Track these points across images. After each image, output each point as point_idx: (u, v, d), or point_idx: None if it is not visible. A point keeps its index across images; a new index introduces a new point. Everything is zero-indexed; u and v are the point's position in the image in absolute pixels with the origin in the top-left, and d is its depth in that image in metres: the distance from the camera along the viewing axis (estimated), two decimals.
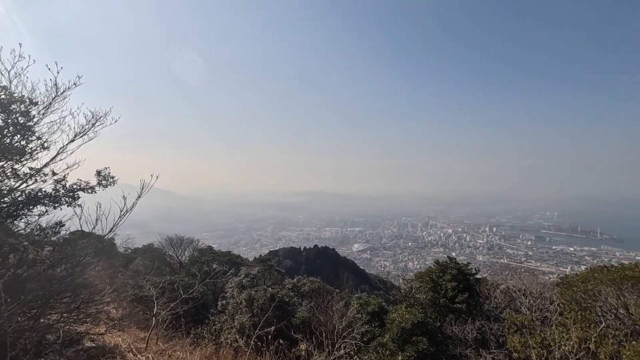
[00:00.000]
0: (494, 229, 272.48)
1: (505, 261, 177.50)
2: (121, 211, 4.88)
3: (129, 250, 33.46)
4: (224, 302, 22.15)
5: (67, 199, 6.28)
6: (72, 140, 6.90)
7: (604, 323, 12.29)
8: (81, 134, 6.96)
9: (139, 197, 5.04)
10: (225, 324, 19.51)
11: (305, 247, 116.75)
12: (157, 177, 5.06)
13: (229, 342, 17.12)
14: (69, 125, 6.86)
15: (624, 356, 10.11)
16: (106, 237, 4.84)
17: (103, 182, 6.65)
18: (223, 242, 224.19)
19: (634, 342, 10.33)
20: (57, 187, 6.26)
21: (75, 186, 6.47)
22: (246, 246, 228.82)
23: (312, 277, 27.05)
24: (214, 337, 18.68)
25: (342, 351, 14.94)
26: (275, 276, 27.46)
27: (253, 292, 21.01)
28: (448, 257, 18.56)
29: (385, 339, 15.84)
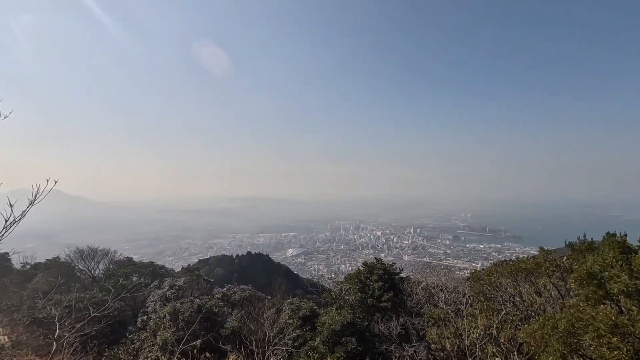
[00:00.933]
0: (418, 230, 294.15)
1: (428, 260, 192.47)
2: (6, 221, 4.20)
3: (28, 266, 28.99)
4: (144, 317, 20.40)
5: None
6: None
7: (504, 310, 14.00)
8: None
9: (32, 204, 4.40)
10: (146, 342, 17.99)
11: (238, 255, 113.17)
12: (56, 181, 4.47)
13: None
14: None
15: (519, 337, 11.64)
16: None
17: None
18: (147, 253, 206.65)
19: (526, 325, 11.94)
20: None
21: None
22: (173, 256, 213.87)
23: (245, 284, 26.31)
24: (131, 358, 17.06)
25: (272, 359, 14.72)
26: (203, 286, 26.12)
27: (178, 304, 19.70)
28: (375, 258, 19.53)
29: (316, 342, 16.02)
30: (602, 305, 10.23)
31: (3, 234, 4.37)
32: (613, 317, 9.35)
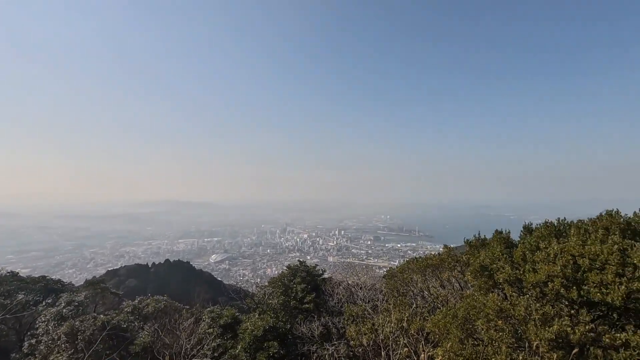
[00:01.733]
0: (342, 232, 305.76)
1: (351, 260, 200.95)
2: None
3: None
4: (32, 341, 17.58)
5: None
6: None
7: (414, 304, 15.28)
8: None
9: None
10: None
11: (154, 263, 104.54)
12: None
13: None
14: None
15: (427, 328, 12.83)
16: None
17: None
18: (40, 266, 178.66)
19: (432, 316, 13.22)
20: None
21: None
22: (74, 268, 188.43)
23: (160, 295, 24.30)
24: None
25: None
26: (110, 300, 23.45)
27: (77, 322, 17.40)
28: (299, 261, 19.75)
29: (237, 350, 15.57)
30: (491, 294, 11.83)
31: None
32: (499, 303, 10.85)
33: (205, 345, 16.16)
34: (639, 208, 14.07)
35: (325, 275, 20.97)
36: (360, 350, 13.75)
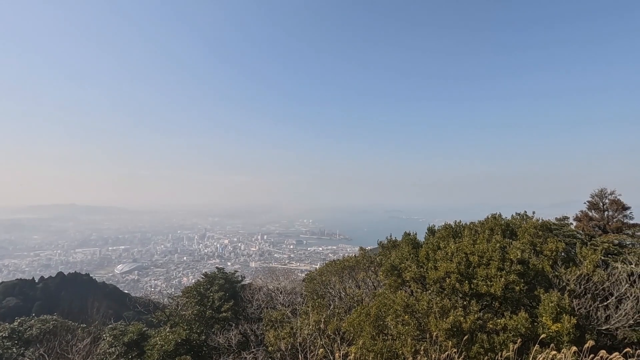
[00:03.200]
0: (265, 237, 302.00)
1: (274, 265, 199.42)
2: None
3: None
4: None
5: None
6: None
7: (332, 305, 15.80)
8: None
9: None
10: None
11: (43, 277, 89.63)
12: None
13: None
14: None
15: (343, 327, 13.35)
16: None
17: None
18: None
19: (348, 316, 13.83)
20: None
21: None
22: None
23: (50, 314, 20.93)
24: None
25: None
26: None
27: None
28: (217, 267, 18.91)
29: None
30: (399, 291, 12.88)
31: None
32: (406, 299, 11.85)
33: None
34: (515, 212, 16.79)
35: (246, 282, 20.45)
36: (279, 355, 13.69)
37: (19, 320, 18.65)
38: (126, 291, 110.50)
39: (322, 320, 12.74)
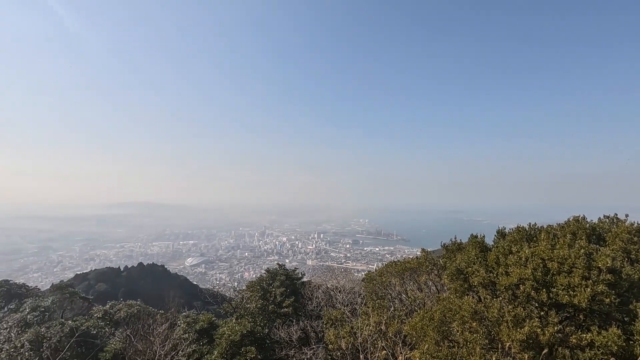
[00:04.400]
0: (321, 236, 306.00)
1: (330, 264, 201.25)
2: None
3: None
4: None
5: None
6: None
7: (392, 307, 15.48)
8: None
9: None
10: None
11: (127, 266, 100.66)
12: None
13: None
14: None
15: (404, 330, 13.01)
16: None
17: None
18: (1, 270, 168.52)
19: (410, 319, 13.44)
20: None
21: None
22: (40, 271, 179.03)
23: (133, 299, 23.48)
24: None
25: None
26: (79, 305, 22.43)
27: (43, 329, 16.56)
28: (278, 264, 19.60)
29: (213, 356, 15.27)
30: (466, 296, 12.17)
31: None
32: (473, 306, 11.17)
33: (180, 351, 15.74)
34: (603, 214, 14.92)
35: (305, 279, 20.90)
36: (339, 354, 13.77)
37: (110, 304, 21.17)
38: (195, 282, 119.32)
39: (384, 321, 12.56)
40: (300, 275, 19.11)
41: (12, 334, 16.86)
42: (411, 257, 19.31)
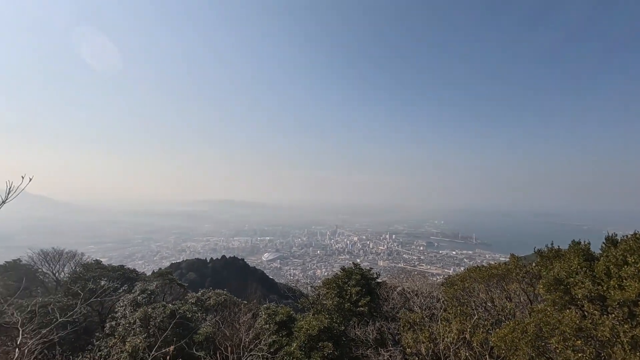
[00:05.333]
0: (393, 236, 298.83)
1: (402, 265, 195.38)
2: None
3: None
4: (113, 323, 19.55)
5: None
6: None
7: (476, 315, 14.43)
8: None
9: (4, 202, 4.18)
10: (114, 349, 17.26)
11: (212, 258, 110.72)
12: (31, 179, 4.29)
13: None
14: None
15: (491, 341, 12.03)
16: None
17: None
18: (114, 256, 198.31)
19: (497, 329, 12.38)
20: None
21: None
22: (143, 259, 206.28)
23: (219, 289, 25.73)
24: None
25: None
26: (176, 291, 25.34)
27: (150, 309, 19.02)
28: (353, 263, 19.67)
29: (292, 348, 15.90)
30: (567, 310, 10.77)
31: None
32: (577, 321, 9.85)
33: (262, 341, 16.76)
34: None
35: (379, 280, 20.63)
36: (417, 358, 13.30)
37: (201, 291, 23.49)
38: (271, 277, 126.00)
39: (468, 330, 11.78)
40: (375, 275, 18.93)
41: (126, 311, 19.73)
42: (497, 262, 17.78)
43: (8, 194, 4.20)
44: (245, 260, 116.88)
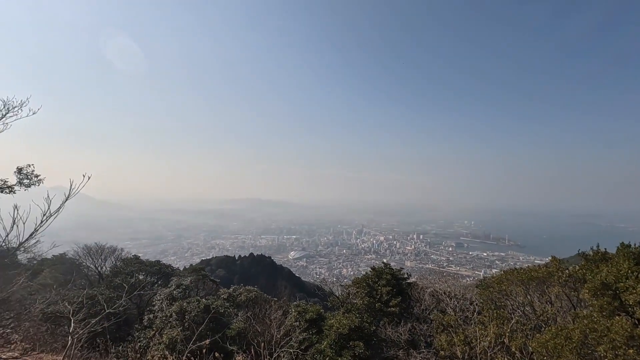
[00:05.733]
0: (421, 237, 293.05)
1: (430, 266, 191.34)
2: (44, 215, 4.27)
3: (35, 262, 29.09)
4: (151, 316, 20.44)
5: None
6: None
7: (514, 319, 13.89)
8: None
9: (67, 198, 4.48)
10: (153, 340, 18.03)
11: (240, 256, 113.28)
12: (89, 178, 4.56)
13: (157, 359, 15.84)
14: None
15: (531, 347, 11.54)
16: (25, 243, 4.18)
17: (25, 181, 5.61)
18: (149, 252, 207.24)
19: (537, 335, 11.84)
20: None
21: None
22: (175, 255, 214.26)
23: (249, 286, 26.30)
24: (138, 355, 17.10)
25: None
26: (209, 286, 26.15)
27: (185, 303, 19.72)
28: (383, 263, 19.48)
29: (322, 346, 15.96)
30: (617, 317, 10.13)
31: (38, 229, 4.45)
32: (629, 329, 9.26)
33: (293, 338, 16.95)
34: None
35: (410, 280, 20.32)
36: None
37: (232, 287, 24.10)
38: (297, 275, 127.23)
39: (506, 334, 11.36)
40: (406, 276, 18.66)
41: (163, 305, 20.57)
42: (531, 265, 17.02)
43: (71, 190, 4.47)
44: (272, 258, 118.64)
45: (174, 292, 21.58)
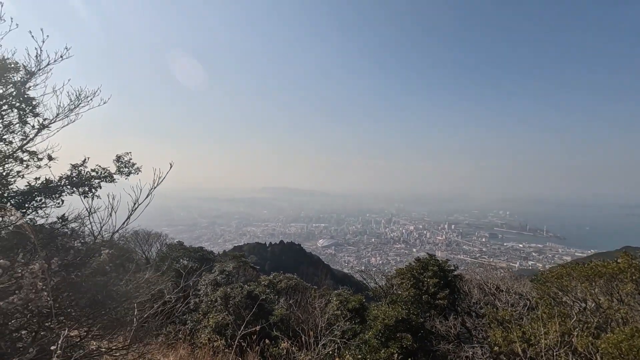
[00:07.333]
0: (452, 227, 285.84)
1: (462, 257, 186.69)
2: (135, 203, 4.24)
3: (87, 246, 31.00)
4: (197, 300, 21.15)
5: (84, 188, 5.28)
6: (53, 122, 5.92)
7: (575, 317, 13.03)
8: (64, 114, 5.98)
9: (154, 187, 4.41)
10: (200, 323, 18.64)
11: (270, 243, 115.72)
12: (172, 166, 4.47)
13: (205, 341, 16.34)
14: (44, 105, 5.87)
15: (600, 348, 10.74)
16: (119, 231, 4.20)
17: (124, 169, 5.70)
18: (184, 237, 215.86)
19: (609, 334, 11.00)
20: (72, 174, 5.25)
21: (93, 173, 5.46)
22: (209, 241, 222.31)
23: (286, 273, 26.60)
24: (187, 337, 17.73)
25: (327, 349, 14.68)
26: (250, 273, 26.67)
27: (229, 289, 20.19)
28: (428, 254, 18.88)
29: (368, 336, 15.78)
30: None
31: (129, 220, 4.42)
32: None
33: (336, 327, 16.90)
34: None
35: (456, 272, 19.63)
36: (507, 359, 12.40)
37: (273, 275, 24.43)
38: (326, 262, 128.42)
39: (574, 333, 10.61)
40: (453, 268, 18.00)
41: (208, 289, 21.20)
42: (605, 260, 15.83)
43: (156, 179, 4.39)
44: (301, 246, 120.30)
45: (218, 277, 22.16)
